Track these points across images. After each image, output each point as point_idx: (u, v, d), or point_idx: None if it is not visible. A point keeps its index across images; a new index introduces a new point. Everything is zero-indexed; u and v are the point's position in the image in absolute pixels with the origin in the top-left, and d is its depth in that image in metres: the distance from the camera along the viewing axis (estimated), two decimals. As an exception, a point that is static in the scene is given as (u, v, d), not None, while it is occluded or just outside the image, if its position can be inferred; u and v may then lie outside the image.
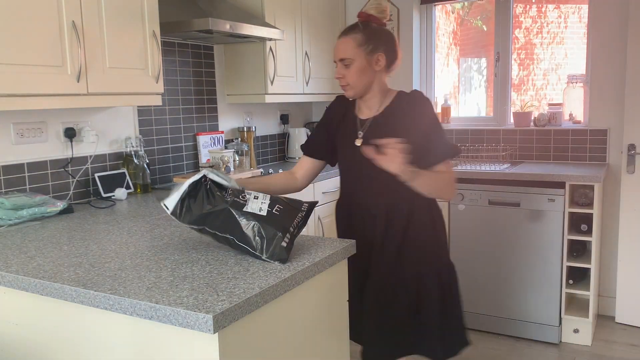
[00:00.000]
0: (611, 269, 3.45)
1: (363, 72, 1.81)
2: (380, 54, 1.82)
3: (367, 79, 1.83)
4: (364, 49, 1.80)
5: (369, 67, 1.82)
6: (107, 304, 1.28)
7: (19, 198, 2.13)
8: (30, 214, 2.10)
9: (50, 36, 2.05)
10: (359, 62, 1.80)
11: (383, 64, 1.84)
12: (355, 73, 1.81)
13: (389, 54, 1.84)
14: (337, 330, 1.67)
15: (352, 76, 1.82)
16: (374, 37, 1.81)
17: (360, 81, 1.83)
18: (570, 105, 3.55)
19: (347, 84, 1.84)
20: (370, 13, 1.83)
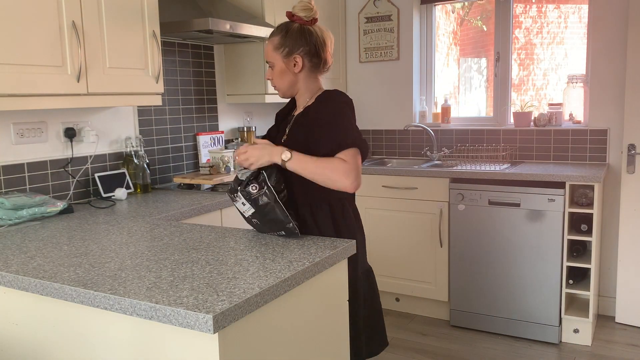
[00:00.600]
0: (611, 269, 3.45)
1: (283, 74, 1.83)
2: (296, 56, 1.80)
3: (288, 81, 1.84)
4: (280, 52, 1.81)
5: (287, 70, 1.82)
6: (107, 304, 1.28)
7: (19, 198, 2.13)
8: (30, 214, 2.10)
9: (50, 36, 2.05)
10: (278, 65, 1.82)
11: (301, 66, 1.81)
12: (277, 75, 1.84)
13: (309, 55, 1.81)
14: (337, 330, 1.67)
15: (275, 78, 1.85)
16: (291, 39, 1.80)
17: (282, 83, 1.85)
18: (570, 105, 3.55)
19: (274, 85, 1.88)
20: (295, 12, 1.81)
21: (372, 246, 3.62)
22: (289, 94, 1.89)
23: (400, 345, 3.18)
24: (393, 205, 3.51)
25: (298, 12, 1.80)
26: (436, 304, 3.53)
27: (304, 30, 1.80)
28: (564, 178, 3.00)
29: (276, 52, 1.81)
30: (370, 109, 4.18)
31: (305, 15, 1.80)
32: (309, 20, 1.81)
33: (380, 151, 4.18)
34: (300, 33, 1.80)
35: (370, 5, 4.06)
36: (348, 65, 4.21)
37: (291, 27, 1.81)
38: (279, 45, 1.80)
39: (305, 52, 1.80)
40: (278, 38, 1.81)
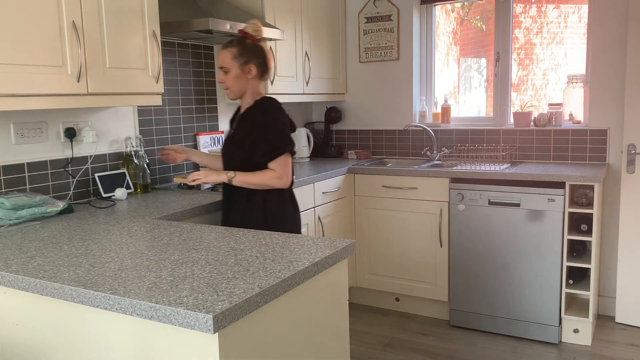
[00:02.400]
0: (611, 269, 3.45)
1: (238, 78, 2.24)
2: (252, 65, 2.22)
3: (240, 85, 2.25)
4: (238, 61, 2.21)
5: (242, 75, 2.23)
6: (107, 304, 1.28)
7: (19, 198, 2.13)
8: (30, 214, 2.10)
9: (50, 36, 2.05)
10: (234, 71, 2.22)
11: (254, 73, 2.24)
12: (232, 79, 2.24)
13: (260, 66, 2.25)
14: (337, 330, 1.67)
15: (231, 82, 2.24)
16: (247, 51, 2.21)
17: (236, 86, 2.25)
18: (570, 105, 3.55)
19: (227, 87, 2.27)
20: (247, 31, 2.22)
21: (372, 246, 3.62)
22: (238, 96, 2.29)
23: (400, 345, 3.18)
24: (393, 205, 3.51)
25: (250, 32, 2.23)
26: (436, 304, 3.53)
27: (256, 45, 2.25)
28: (564, 178, 3.00)
29: (234, 60, 2.21)
30: (371, 109, 4.18)
31: (255, 35, 2.24)
32: (258, 38, 2.25)
33: (380, 151, 4.18)
34: (255, 47, 2.24)
35: (370, 5, 4.06)
36: (348, 65, 4.21)
37: (245, 42, 2.22)
38: (237, 54, 2.21)
39: (257, 63, 2.23)
40: (237, 49, 2.21)
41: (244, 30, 2.23)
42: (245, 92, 2.28)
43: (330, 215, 3.44)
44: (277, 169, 2.19)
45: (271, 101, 2.27)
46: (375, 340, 3.25)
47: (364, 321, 3.51)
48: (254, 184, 2.21)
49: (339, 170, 3.52)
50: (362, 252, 3.66)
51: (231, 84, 2.25)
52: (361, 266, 3.68)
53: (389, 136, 4.13)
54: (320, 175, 3.32)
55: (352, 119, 4.27)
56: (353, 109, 4.25)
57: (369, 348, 3.15)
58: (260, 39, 2.27)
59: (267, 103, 2.26)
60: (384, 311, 3.68)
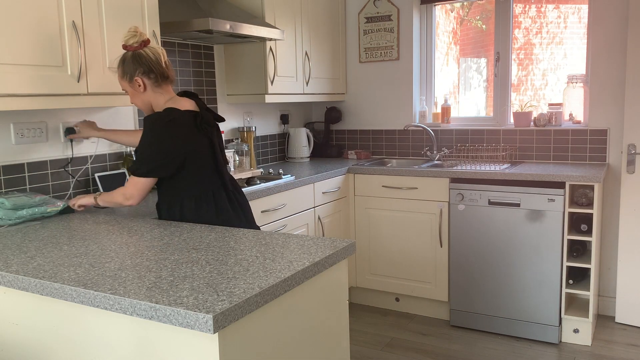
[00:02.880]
0: (611, 269, 3.45)
1: (134, 96, 2.11)
2: (137, 78, 2.05)
3: (140, 100, 2.12)
4: (125, 80, 2.08)
5: (135, 92, 2.09)
6: (107, 304, 1.28)
7: (19, 198, 2.13)
8: (30, 214, 2.10)
9: (50, 36, 2.05)
10: (128, 90, 2.11)
11: (144, 85, 2.07)
12: (131, 98, 2.13)
13: (147, 74, 2.06)
14: (337, 330, 1.67)
15: (132, 100, 2.14)
16: (127, 66, 2.05)
17: (137, 103, 2.13)
18: (570, 105, 3.55)
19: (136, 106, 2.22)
20: (126, 43, 2.05)
21: (372, 246, 3.62)
22: (149, 111, 2.14)
23: (400, 345, 3.18)
24: (393, 205, 3.51)
25: (128, 42, 2.05)
26: (436, 304, 3.53)
27: (135, 55, 2.05)
28: (564, 178, 3.00)
29: (122, 80, 2.09)
30: (370, 109, 4.18)
31: (134, 42, 2.04)
32: (139, 44, 2.05)
33: (380, 151, 4.18)
34: (133, 58, 2.05)
35: (370, 5, 4.07)
36: (348, 65, 4.21)
37: (126, 56, 2.06)
38: (121, 74, 2.08)
39: (141, 72, 2.05)
40: (120, 69, 2.08)
41: (124, 43, 2.05)
42: (151, 105, 2.12)
43: (330, 215, 3.44)
44: (129, 186, 2.07)
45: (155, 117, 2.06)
46: (375, 340, 3.25)
47: (364, 321, 3.51)
48: (109, 203, 2.15)
49: (339, 170, 3.52)
50: (362, 252, 3.66)
51: (134, 102, 2.14)
52: (361, 266, 3.68)
53: (389, 136, 4.13)
54: (320, 175, 3.32)
55: (352, 119, 4.27)
56: (353, 109, 4.25)
57: (369, 348, 3.15)
58: (140, 46, 2.04)
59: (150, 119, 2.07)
60: (384, 311, 3.68)
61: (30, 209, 2.11)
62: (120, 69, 2.08)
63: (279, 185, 2.95)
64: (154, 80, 2.08)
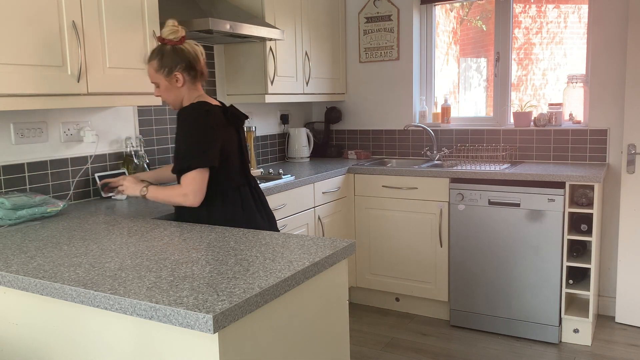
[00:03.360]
0: (611, 269, 3.45)
1: (169, 90, 2.08)
2: (177, 73, 2.05)
3: (174, 95, 2.09)
4: (162, 73, 2.05)
5: (171, 86, 2.07)
6: (107, 304, 1.28)
7: (19, 198, 2.13)
8: (30, 214, 2.10)
9: (51, 36, 2.05)
10: (163, 84, 2.07)
11: (182, 80, 2.06)
12: (164, 92, 2.09)
13: (186, 70, 2.06)
14: (337, 330, 1.67)
15: (163, 94, 2.10)
16: (168, 59, 2.04)
17: (170, 97, 2.10)
18: (570, 105, 3.55)
19: (164, 101, 2.14)
20: (164, 37, 2.04)
21: (372, 246, 3.62)
22: (179, 106, 2.11)
23: (400, 345, 3.18)
24: (393, 205, 3.51)
25: (167, 36, 2.04)
26: (436, 304, 3.53)
27: (176, 49, 2.04)
28: (564, 178, 3.00)
29: (158, 73, 2.06)
30: (370, 109, 4.18)
31: (174, 37, 2.04)
32: (178, 40, 2.04)
33: (380, 151, 4.18)
34: (174, 52, 2.04)
35: (370, 5, 4.07)
36: (348, 65, 4.21)
37: (165, 49, 2.04)
38: (158, 67, 2.05)
39: (182, 68, 2.05)
40: (156, 61, 2.05)
41: (161, 36, 2.04)
42: (182, 100, 2.11)
43: (330, 215, 3.44)
44: (183, 185, 2.00)
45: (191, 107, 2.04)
46: (375, 340, 3.25)
47: (364, 321, 3.51)
48: (162, 200, 2.08)
49: (339, 170, 3.52)
50: (362, 252, 3.66)
51: (165, 97, 2.10)
52: (361, 266, 3.68)
53: (389, 136, 4.13)
54: (320, 175, 3.32)
55: (352, 119, 4.27)
56: (353, 109, 4.25)
57: (369, 348, 3.15)
58: (180, 41, 2.04)
59: (185, 111, 2.04)
60: (384, 311, 3.68)
61: (30, 209, 2.11)
62: (157, 62, 2.04)
63: (279, 185, 2.95)
64: (192, 76, 2.08)
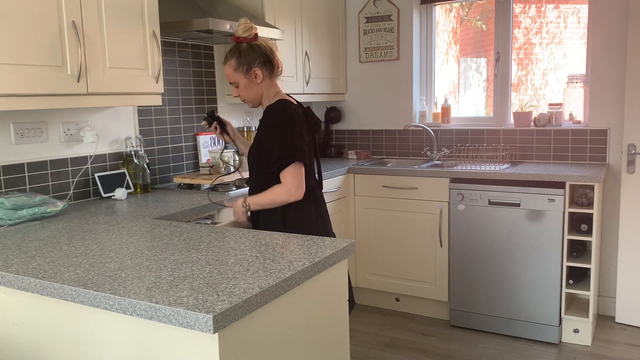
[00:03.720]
0: (611, 269, 3.45)
1: (249, 88, 2.13)
2: (255, 69, 2.10)
3: (254, 92, 2.15)
4: (241, 71, 2.10)
5: (251, 84, 2.13)
6: (107, 304, 1.28)
7: (19, 198, 2.13)
8: (30, 214, 2.10)
9: (50, 36, 2.05)
10: (242, 82, 2.12)
11: (262, 76, 2.12)
12: (244, 90, 2.14)
13: (264, 65, 2.12)
14: (337, 331, 1.67)
15: (243, 93, 2.15)
16: (246, 57, 2.09)
17: (251, 95, 2.15)
18: (570, 105, 3.55)
19: (243, 99, 2.18)
20: (239, 35, 2.10)
21: (372, 246, 3.62)
22: (258, 103, 2.19)
23: (400, 345, 3.18)
24: (393, 205, 3.51)
25: (242, 34, 2.10)
26: (436, 304, 3.53)
27: (252, 46, 2.10)
28: (564, 178, 3.00)
29: (237, 72, 2.11)
30: (370, 109, 4.18)
31: (248, 35, 2.10)
32: (252, 37, 2.10)
33: (380, 151, 4.18)
34: (251, 49, 2.10)
35: (370, 5, 4.06)
36: (348, 65, 4.21)
37: (241, 47, 2.10)
38: (237, 66, 2.10)
39: (260, 63, 2.10)
40: (234, 60, 2.10)
41: (236, 35, 2.11)
42: (262, 97, 2.17)
43: (330, 215, 3.43)
44: (285, 182, 2.05)
45: (280, 105, 2.11)
46: (375, 340, 3.25)
47: (364, 321, 3.51)
48: (267, 205, 2.10)
49: (339, 170, 3.52)
50: (362, 252, 3.66)
51: (245, 95, 2.15)
52: (361, 266, 3.68)
53: (389, 136, 4.13)
54: (320, 175, 3.31)
55: (352, 119, 4.27)
56: (353, 109, 4.25)
57: (369, 348, 3.15)
58: (254, 38, 2.12)
59: (274, 108, 2.11)
60: (384, 311, 3.68)
61: (30, 209, 2.11)
62: (235, 61, 2.10)
63: (279, 185, 2.94)
64: (270, 71, 2.13)
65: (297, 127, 2.07)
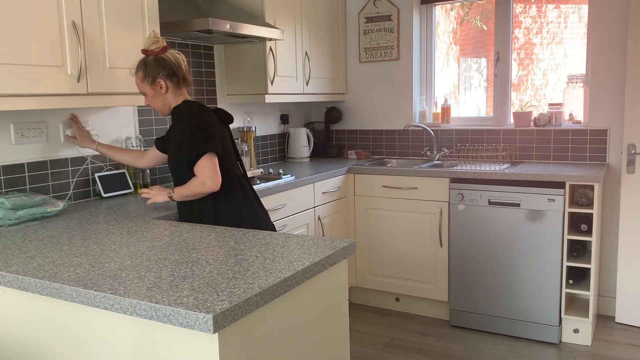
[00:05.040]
0: (611, 269, 3.45)
1: (155, 97, 2.20)
2: (160, 80, 2.16)
3: (161, 102, 2.21)
4: (147, 82, 2.17)
5: (157, 94, 2.19)
6: (107, 304, 1.28)
7: (19, 198, 2.13)
8: (30, 214, 2.10)
9: (50, 36, 2.05)
10: (149, 92, 2.19)
11: (166, 86, 2.17)
12: (151, 100, 2.21)
13: (169, 77, 2.17)
14: (337, 331, 1.67)
15: (151, 102, 2.22)
16: (151, 69, 2.15)
17: (158, 104, 2.22)
18: (570, 105, 3.55)
19: (153, 108, 2.25)
20: (146, 48, 2.16)
21: (372, 246, 3.62)
22: (167, 112, 2.23)
23: (400, 345, 3.18)
24: (393, 205, 3.51)
25: (149, 47, 2.16)
26: (436, 304, 3.53)
27: (158, 59, 2.16)
28: (564, 178, 3.00)
29: (144, 83, 2.18)
30: (370, 109, 4.18)
31: (155, 47, 2.15)
32: (160, 49, 2.16)
33: (380, 151, 4.18)
34: (156, 62, 2.15)
35: (370, 5, 4.06)
36: (348, 65, 4.21)
37: (148, 60, 2.16)
38: (143, 77, 2.17)
39: (164, 75, 2.16)
40: (141, 72, 2.17)
41: (145, 48, 2.17)
42: (170, 105, 2.21)
43: (330, 215, 3.44)
44: (199, 173, 2.10)
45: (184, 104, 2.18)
46: (375, 340, 3.25)
47: (364, 321, 3.51)
48: (188, 195, 2.15)
49: (339, 170, 3.52)
50: (362, 252, 3.66)
51: (153, 104, 2.22)
52: (361, 266, 3.68)
53: (389, 136, 4.13)
54: (320, 175, 3.32)
55: (352, 119, 4.27)
56: (353, 109, 4.25)
57: (369, 348, 3.15)
58: (162, 51, 2.16)
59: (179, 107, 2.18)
60: (384, 311, 3.68)
61: (30, 209, 2.11)
62: (141, 72, 2.16)
63: (279, 185, 2.95)
64: (175, 82, 2.18)
65: (205, 119, 2.14)
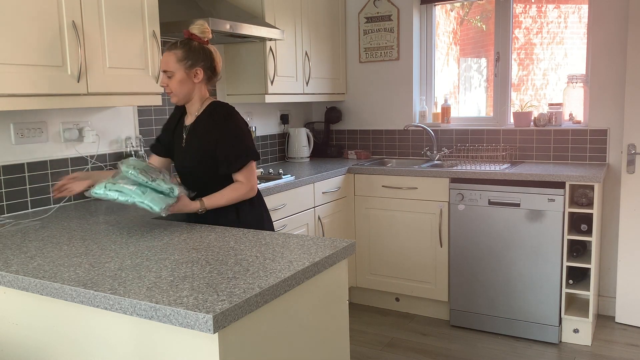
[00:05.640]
0: (611, 269, 3.45)
1: (183, 83, 2.06)
2: (198, 68, 2.07)
3: (186, 89, 2.08)
4: (184, 64, 2.05)
5: (188, 79, 2.07)
6: (107, 304, 1.28)
7: (147, 175, 1.91)
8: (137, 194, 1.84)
9: (50, 36, 2.05)
10: (179, 75, 2.05)
11: (201, 77, 2.08)
12: (176, 83, 2.06)
13: (207, 69, 2.09)
14: (337, 330, 1.67)
15: (174, 86, 2.07)
16: (193, 54, 2.06)
17: (182, 90, 2.08)
18: (570, 105, 3.55)
19: (170, 92, 2.11)
20: (193, 32, 2.07)
21: (372, 246, 3.62)
22: (184, 101, 2.12)
23: (400, 345, 3.18)
24: (393, 205, 3.51)
25: (197, 33, 2.07)
26: (436, 304, 3.53)
27: (203, 48, 2.08)
28: (564, 178, 3.00)
29: (179, 63, 2.04)
30: (370, 109, 4.18)
31: (202, 36, 2.08)
32: (205, 40, 2.09)
33: (380, 151, 4.18)
34: (201, 50, 2.07)
35: (370, 5, 4.06)
36: (348, 65, 4.21)
37: (192, 44, 2.06)
38: (182, 57, 2.04)
39: (204, 66, 2.08)
40: (182, 51, 2.04)
41: (190, 31, 2.07)
42: (192, 97, 2.11)
43: (330, 215, 3.44)
44: (246, 180, 2.07)
45: (224, 106, 2.12)
46: (375, 340, 3.25)
47: (364, 321, 3.51)
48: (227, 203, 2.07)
49: (339, 170, 3.52)
50: (362, 252, 3.66)
51: (176, 89, 2.07)
52: (361, 266, 3.68)
53: (389, 136, 4.13)
54: (320, 175, 3.32)
55: (352, 119, 4.27)
56: (353, 109, 4.25)
57: (369, 348, 3.15)
58: (207, 41, 2.09)
59: (220, 109, 2.10)
60: (384, 311, 3.68)
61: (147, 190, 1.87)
62: (181, 52, 2.03)
63: (279, 185, 2.95)
64: (208, 77, 2.12)
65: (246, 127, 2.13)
